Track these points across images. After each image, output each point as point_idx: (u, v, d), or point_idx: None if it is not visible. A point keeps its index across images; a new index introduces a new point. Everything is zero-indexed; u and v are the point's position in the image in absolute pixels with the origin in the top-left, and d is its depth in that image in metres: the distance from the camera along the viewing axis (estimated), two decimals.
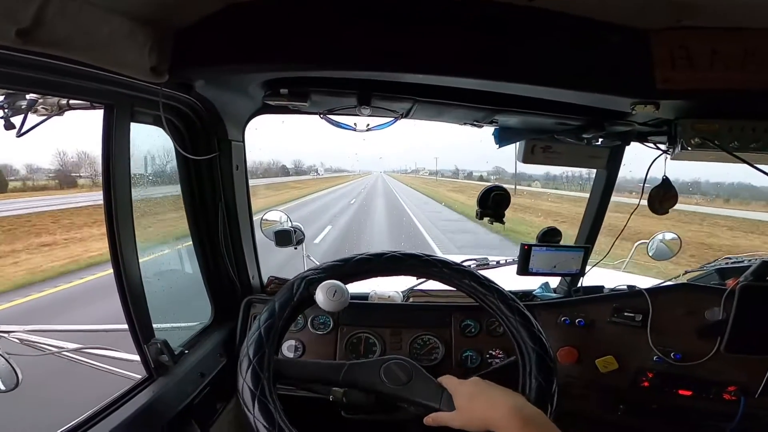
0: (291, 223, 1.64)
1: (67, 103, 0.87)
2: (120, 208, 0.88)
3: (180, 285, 1.36)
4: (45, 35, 0.62)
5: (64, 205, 15.29)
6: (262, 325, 0.85)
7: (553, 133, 1.19)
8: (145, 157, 1.10)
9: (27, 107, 0.84)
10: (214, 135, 1.17)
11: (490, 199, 1.27)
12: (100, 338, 1.27)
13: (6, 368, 1.05)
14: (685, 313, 1.23)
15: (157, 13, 0.76)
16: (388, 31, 0.81)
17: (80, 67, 0.71)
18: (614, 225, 1.48)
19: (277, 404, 0.77)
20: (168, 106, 1.01)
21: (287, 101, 1.01)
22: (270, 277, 1.48)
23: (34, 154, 21.75)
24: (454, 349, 1.34)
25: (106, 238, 0.86)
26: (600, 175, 1.38)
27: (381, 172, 29.08)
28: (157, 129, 1.03)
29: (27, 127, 0.82)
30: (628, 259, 1.94)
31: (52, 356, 1.17)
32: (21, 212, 13.75)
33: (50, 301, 6.17)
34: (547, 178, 23.68)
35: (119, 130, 0.86)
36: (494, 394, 0.81)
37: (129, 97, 0.88)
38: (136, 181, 0.95)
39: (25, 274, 7.82)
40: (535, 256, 1.37)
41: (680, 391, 1.24)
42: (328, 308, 0.89)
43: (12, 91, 0.84)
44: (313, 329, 1.36)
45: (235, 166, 1.24)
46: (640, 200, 1.26)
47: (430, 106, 1.06)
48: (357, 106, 1.04)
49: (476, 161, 32.46)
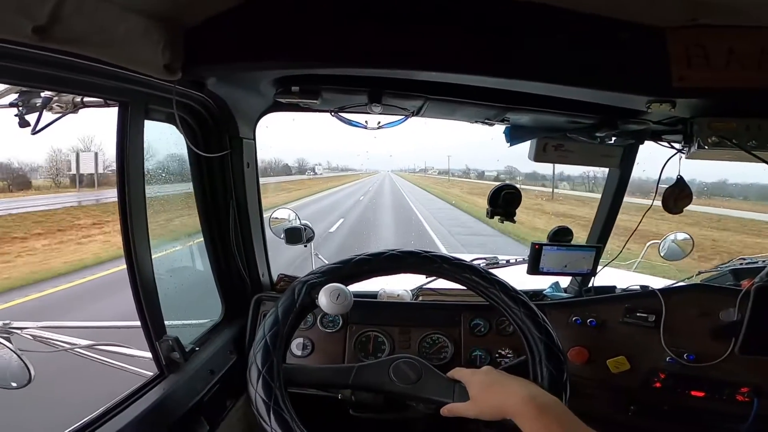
0: (300, 221, 1.64)
1: (81, 100, 0.88)
2: (134, 205, 0.88)
3: (191, 282, 1.37)
4: (61, 32, 0.62)
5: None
6: (267, 333, 0.85)
7: (565, 132, 1.18)
8: (157, 154, 1.10)
9: (42, 105, 0.85)
10: (226, 132, 1.17)
11: (500, 198, 1.27)
12: (110, 335, 1.29)
13: (19, 365, 1.05)
14: (699, 314, 1.22)
15: (171, 11, 0.76)
16: (399, 28, 0.81)
17: (96, 65, 0.71)
18: (621, 226, 1.47)
19: (292, 413, 0.77)
20: (181, 104, 1.01)
21: (298, 99, 1.01)
22: (280, 274, 1.48)
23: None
24: (463, 349, 1.33)
25: (121, 235, 0.87)
26: (613, 174, 1.37)
27: (388, 171, 28.66)
28: (168, 126, 1.04)
29: (42, 125, 0.83)
30: (640, 259, 1.92)
31: (63, 353, 1.18)
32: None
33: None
34: (561, 178, 23.07)
35: (134, 127, 0.87)
36: (508, 382, 0.80)
37: (143, 95, 0.88)
38: (149, 179, 0.96)
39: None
40: (545, 255, 1.36)
41: (693, 392, 1.23)
42: (332, 312, 0.89)
43: (28, 88, 0.85)
44: (323, 327, 1.36)
45: (246, 163, 1.24)
46: (654, 200, 1.25)
47: (441, 103, 1.05)
48: (368, 104, 1.04)
49: (487, 160, 31.68)
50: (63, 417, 0.94)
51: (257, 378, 0.80)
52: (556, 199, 23.07)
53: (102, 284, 6.78)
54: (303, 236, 1.56)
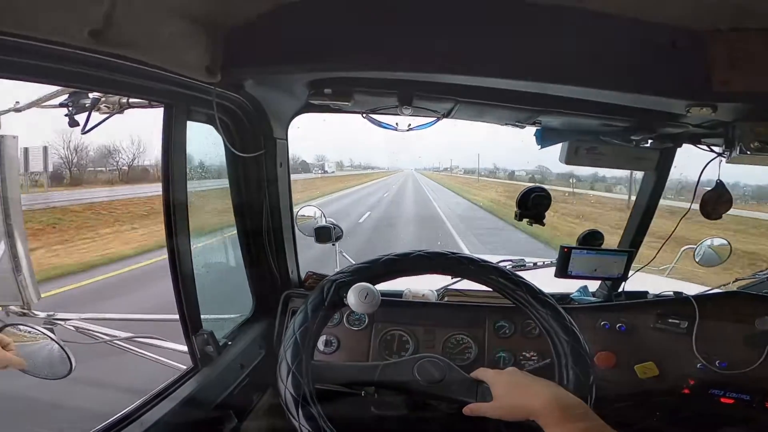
0: (325, 219, 1.66)
1: (127, 101, 0.92)
2: (177, 204, 0.91)
3: (224, 277, 1.41)
4: (114, 36, 0.65)
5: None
6: (297, 331, 0.87)
7: (599, 135, 1.16)
8: (194, 153, 1.13)
9: (91, 105, 0.89)
10: (261, 133, 1.20)
11: (530, 200, 1.25)
12: (142, 328, 1.32)
13: (61, 355, 1.07)
14: (734, 321, 1.21)
15: (212, 15, 0.79)
16: (431, 32, 0.81)
17: (142, 67, 0.74)
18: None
19: (319, 409, 0.79)
20: (219, 105, 1.04)
21: (331, 100, 1.03)
22: (308, 272, 1.51)
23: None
24: (487, 350, 1.33)
25: (164, 232, 0.90)
26: (648, 177, 1.34)
27: (412, 170, 27.97)
28: (203, 126, 1.07)
29: (91, 125, 0.87)
30: (673, 265, 1.87)
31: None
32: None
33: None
34: (596, 179, 21.35)
35: (177, 128, 0.90)
36: (534, 383, 0.80)
37: (185, 97, 0.91)
38: (189, 177, 0.99)
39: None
40: (574, 258, 1.34)
41: (722, 399, 1.22)
42: (360, 310, 0.90)
43: (81, 89, 0.89)
44: (348, 325, 1.37)
45: (279, 163, 1.27)
46: (692, 204, 1.22)
47: (471, 106, 1.05)
48: (398, 106, 1.04)
49: (515, 160, 30.00)
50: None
51: (287, 374, 0.82)
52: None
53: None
54: (332, 235, 1.58)
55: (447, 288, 1.51)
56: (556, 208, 9.55)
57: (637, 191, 1.42)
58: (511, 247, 9.05)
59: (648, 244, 1.43)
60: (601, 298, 1.48)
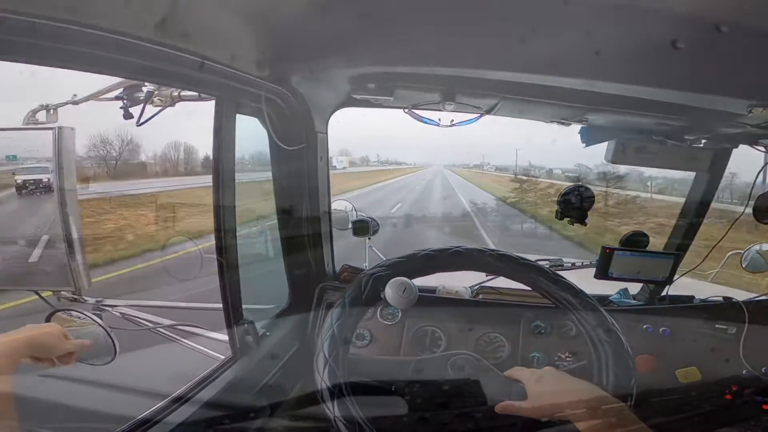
0: (356, 213, 1.66)
1: (179, 94, 0.93)
2: (226, 195, 0.93)
3: (262, 268, 1.43)
4: (176, 28, 0.66)
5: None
6: (335, 323, 0.87)
7: (650, 134, 1.12)
8: (240, 146, 1.15)
9: (145, 98, 0.91)
10: (303, 127, 1.21)
11: (572, 200, 1.23)
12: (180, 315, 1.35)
13: (106, 341, 1.08)
14: None
15: (262, 9, 0.80)
16: (475, 28, 0.79)
17: (199, 60, 0.75)
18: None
19: (355, 402, 0.79)
20: (266, 99, 1.05)
21: (373, 96, 1.03)
22: (344, 265, 1.52)
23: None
24: (521, 349, 1.31)
25: (213, 225, 0.91)
26: (700, 178, 1.29)
27: (441, 166, 27.59)
28: (247, 119, 1.08)
29: (145, 118, 0.89)
30: (718, 269, 1.80)
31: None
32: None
33: None
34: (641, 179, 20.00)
35: (227, 120, 0.91)
36: (572, 383, 0.79)
37: (234, 90, 0.92)
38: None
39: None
40: (616, 260, 1.30)
41: (764, 406, 1.17)
42: (398, 305, 0.90)
43: (144, 81, 0.91)
44: (382, 319, 1.37)
45: (320, 157, 1.28)
46: (746, 207, 1.17)
47: (515, 102, 1.03)
48: (441, 102, 1.04)
49: (550, 157, 28.31)
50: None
51: (324, 366, 0.83)
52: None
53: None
54: (370, 229, 1.59)
55: (482, 285, 1.49)
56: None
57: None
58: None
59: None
60: (642, 302, 1.44)
